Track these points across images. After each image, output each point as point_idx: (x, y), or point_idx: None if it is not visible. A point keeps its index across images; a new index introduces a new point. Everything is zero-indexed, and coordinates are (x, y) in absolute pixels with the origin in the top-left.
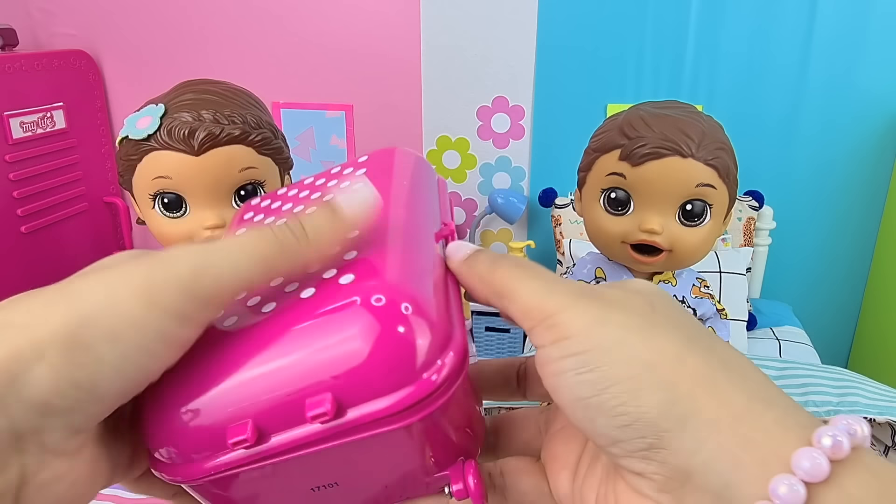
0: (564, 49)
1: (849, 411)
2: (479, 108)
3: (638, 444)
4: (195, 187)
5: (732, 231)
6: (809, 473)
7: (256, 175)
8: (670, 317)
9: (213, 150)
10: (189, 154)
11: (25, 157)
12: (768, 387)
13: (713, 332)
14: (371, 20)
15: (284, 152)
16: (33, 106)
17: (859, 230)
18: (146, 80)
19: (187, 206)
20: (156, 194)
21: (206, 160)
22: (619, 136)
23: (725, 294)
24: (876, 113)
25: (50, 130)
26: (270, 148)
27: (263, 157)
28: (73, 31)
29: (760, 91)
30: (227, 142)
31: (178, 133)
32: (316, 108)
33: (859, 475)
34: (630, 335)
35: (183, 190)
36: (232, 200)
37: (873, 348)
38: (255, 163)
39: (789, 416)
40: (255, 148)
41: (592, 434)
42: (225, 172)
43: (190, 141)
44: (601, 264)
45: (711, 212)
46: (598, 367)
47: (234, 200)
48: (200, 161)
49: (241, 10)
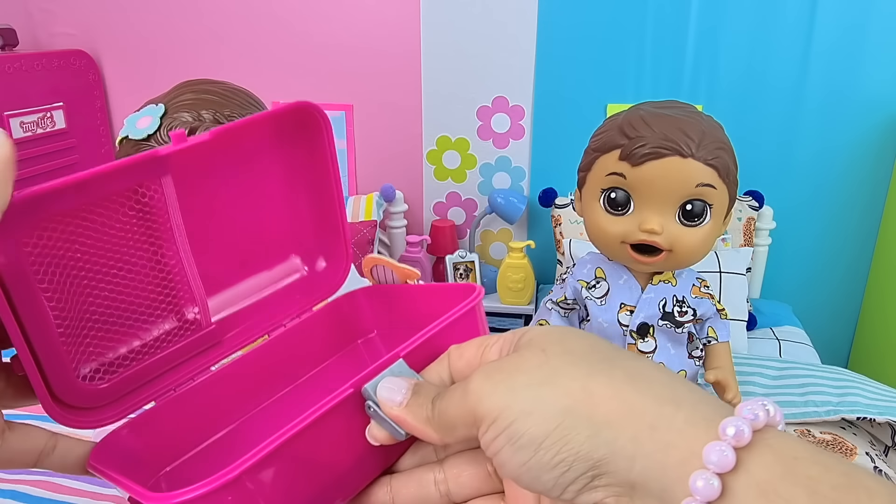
0: (564, 49)
1: (849, 411)
2: (479, 108)
3: (583, 480)
4: None
5: (732, 231)
6: (719, 465)
7: None
8: (565, 354)
9: None
10: None
11: (25, 157)
12: (674, 386)
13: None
14: (371, 20)
15: None
16: (33, 106)
17: (859, 230)
18: (146, 80)
19: None
20: None
21: None
22: (619, 136)
23: (725, 294)
24: (876, 113)
25: (50, 130)
26: None
27: None
28: (73, 31)
29: (760, 91)
30: None
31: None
32: None
33: (764, 457)
34: (539, 391)
35: None
36: None
37: (873, 348)
38: None
39: (697, 413)
40: None
41: (543, 489)
42: None
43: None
44: (601, 264)
45: (711, 212)
46: (525, 432)
47: None
48: None
49: (241, 10)
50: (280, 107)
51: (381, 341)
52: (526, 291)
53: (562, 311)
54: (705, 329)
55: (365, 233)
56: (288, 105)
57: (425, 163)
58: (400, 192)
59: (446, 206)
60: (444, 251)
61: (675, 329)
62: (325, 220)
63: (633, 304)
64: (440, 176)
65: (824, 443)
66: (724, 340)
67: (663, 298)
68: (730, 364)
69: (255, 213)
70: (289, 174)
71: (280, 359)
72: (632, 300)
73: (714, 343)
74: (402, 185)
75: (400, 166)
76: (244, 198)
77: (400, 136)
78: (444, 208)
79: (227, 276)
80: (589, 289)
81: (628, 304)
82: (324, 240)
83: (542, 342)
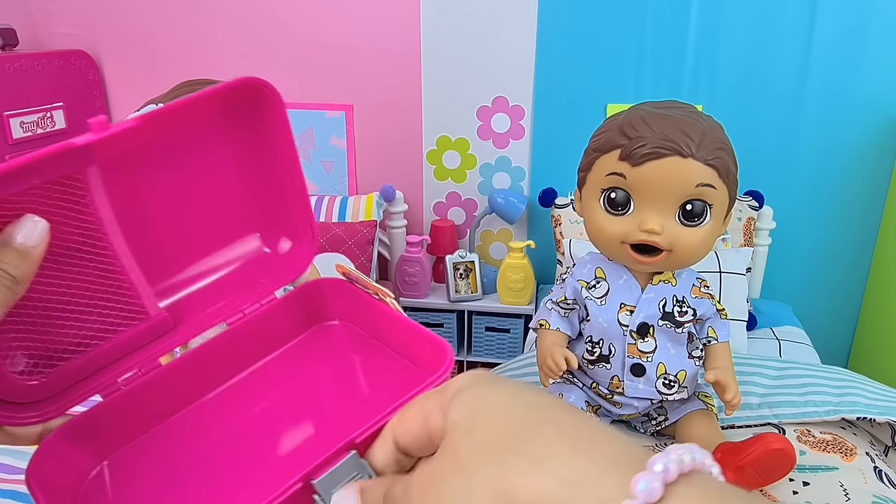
0: (564, 49)
1: (849, 411)
2: (479, 108)
3: None
4: None
5: (732, 231)
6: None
7: None
8: (477, 449)
9: None
10: None
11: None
12: (578, 462)
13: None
14: (371, 20)
15: None
16: (33, 106)
17: (859, 230)
18: (146, 79)
19: None
20: None
21: None
22: (619, 136)
23: (725, 294)
24: (876, 113)
25: (50, 130)
26: None
27: None
28: (73, 31)
29: (760, 91)
30: None
31: None
32: (316, 108)
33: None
34: (464, 478)
35: None
36: None
37: (873, 348)
38: None
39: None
40: None
41: None
42: None
43: None
44: (601, 264)
45: (711, 212)
46: None
47: None
48: None
49: (241, 10)
50: (222, 85)
51: (344, 331)
52: (526, 291)
53: (562, 311)
54: (705, 329)
55: (365, 233)
56: (231, 82)
57: (425, 163)
58: (400, 192)
59: (446, 206)
60: (444, 251)
61: (675, 329)
62: (286, 199)
63: (633, 304)
64: (440, 176)
65: (824, 443)
66: (724, 340)
67: (663, 298)
68: (730, 364)
69: (207, 194)
70: (241, 153)
71: (240, 346)
72: (632, 300)
73: (714, 343)
74: (402, 185)
75: (400, 166)
76: (192, 179)
77: (400, 136)
78: (444, 208)
79: (176, 261)
80: (589, 289)
81: (628, 304)
82: (286, 219)
83: (464, 426)
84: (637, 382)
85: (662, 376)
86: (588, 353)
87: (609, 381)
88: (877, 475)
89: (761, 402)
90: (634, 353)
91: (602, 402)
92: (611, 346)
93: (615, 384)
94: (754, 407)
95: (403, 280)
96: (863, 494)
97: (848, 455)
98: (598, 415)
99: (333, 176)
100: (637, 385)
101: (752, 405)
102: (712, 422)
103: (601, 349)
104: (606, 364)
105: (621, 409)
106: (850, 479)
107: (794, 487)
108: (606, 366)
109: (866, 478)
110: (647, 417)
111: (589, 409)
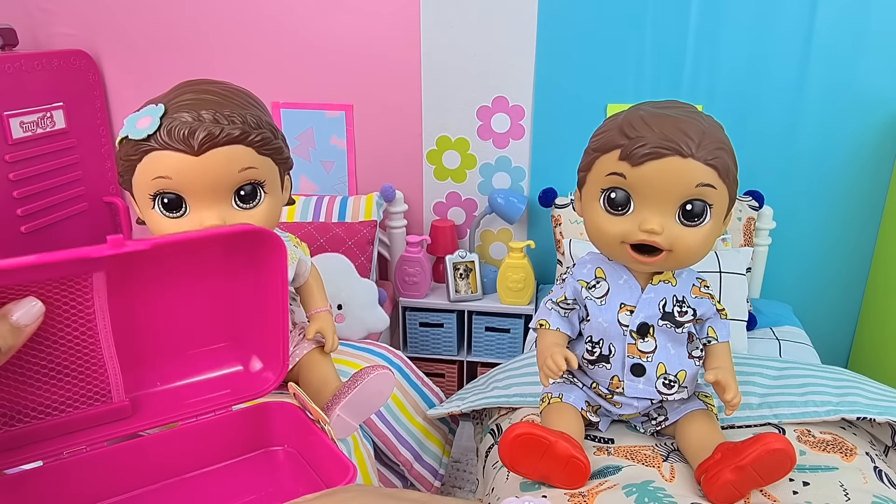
0: (564, 49)
1: (849, 411)
2: (479, 108)
3: None
4: (195, 187)
5: (732, 231)
6: None
7: (256, 175)
8: None
9: (213, 150)
10: (189, 154)
11: (25, 157)
12: None
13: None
14: (371, 21)
15: (284, 152)
16: (33, 106)
17: (859, 230)
18: (146, 80)
19: (187, 206)
20: (156, 194)
21: (205, 160)
22: (619, 136)
23: (725, 294)
24: (876, 113)
25: (50, 130)
26: (270, 148)
27: (263, 157)
28: (73, 31)
29: (760, 91)
30: (227, 142)
31: (177, 133)
32: (316, 107)
33: None
34: None
35: (183, 190)
36: (232, 200)
37: (873, 348)
38: (255, 163)
39: None
40: (255, 148)
41: None
42: (225, 172)
43: (190, 141)
44: (601, 264)
45: (711, 212)
46: None
47: (234, 200)
48: (200, 161)
49: (241, 11)
50: (232, 229)
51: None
52: (526, 291)
53: (562, 311)
54: (705, 329)
55: (365, 233)
56: (239, 228)
57: (425, 163)
58: (400, 192)
59: (446, 206)
60: (444, 251)
61: (675, 329)
62: (267, 327)
63: (633, 304)
64: (440, 176)
65: (824, 443)
66: (724, 340)
67: (663, 298)
68: (730, 364)
69: (196, 310)
70: (236, 284)
71: (185, 449)
72: (632, 300)
73: (714, 343)
74: (402, 185)
75: (400, 166)
76: (186, 298)
77: (400, 136)
78: (444, 208)
79: (153, 360)
80: (589, 289)
81: (628, 304)
82: (263, 344)
83: None
84: (637, 382)
85: (662, 376)
86: (588, 353)
87: (609, 381)
88: (877, 475)
89: (761, 402)
90: (634, 353)
91: (602, 402)
92: (611, 346)
93: (615, 384)
94: (754, 407)
95: (403, 280)
96: (863, 494)
97: (848, 455)
98: (598, 415)
99: (333, 176)
100: (637, 385)
101: (752, 405)
102: (712, 422)
103: (601, 349)
104: (606, 364)
105: (621, 409)
106: (850, 479)
107: (794, 487)
108: (606, 366)
109: (866, 478)
110: (647, 417)
111: (589, 408)
